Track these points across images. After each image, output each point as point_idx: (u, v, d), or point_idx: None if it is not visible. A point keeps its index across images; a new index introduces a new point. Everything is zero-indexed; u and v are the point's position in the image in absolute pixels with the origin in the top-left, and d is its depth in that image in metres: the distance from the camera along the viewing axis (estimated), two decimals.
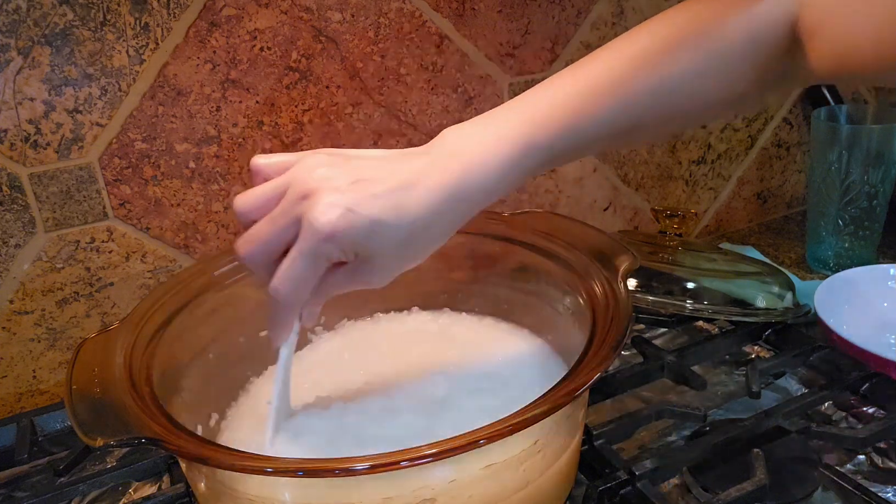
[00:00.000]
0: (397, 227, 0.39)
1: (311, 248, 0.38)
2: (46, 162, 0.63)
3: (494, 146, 0.41)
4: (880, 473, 0.52)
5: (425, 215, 0.39)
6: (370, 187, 0.38)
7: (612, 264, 0.50)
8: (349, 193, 0.38)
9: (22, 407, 0.69)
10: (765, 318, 0.66)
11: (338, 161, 0.40)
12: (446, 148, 0.42)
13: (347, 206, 0.37)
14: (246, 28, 0.66)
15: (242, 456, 0.36)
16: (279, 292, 0.40)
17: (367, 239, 0.38)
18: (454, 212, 0.41)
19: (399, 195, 0.39)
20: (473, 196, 0.41)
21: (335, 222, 0.37)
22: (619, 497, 0.49)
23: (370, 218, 0.38)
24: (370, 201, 0.38)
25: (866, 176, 0.78)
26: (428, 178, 0.40)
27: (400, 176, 0.39)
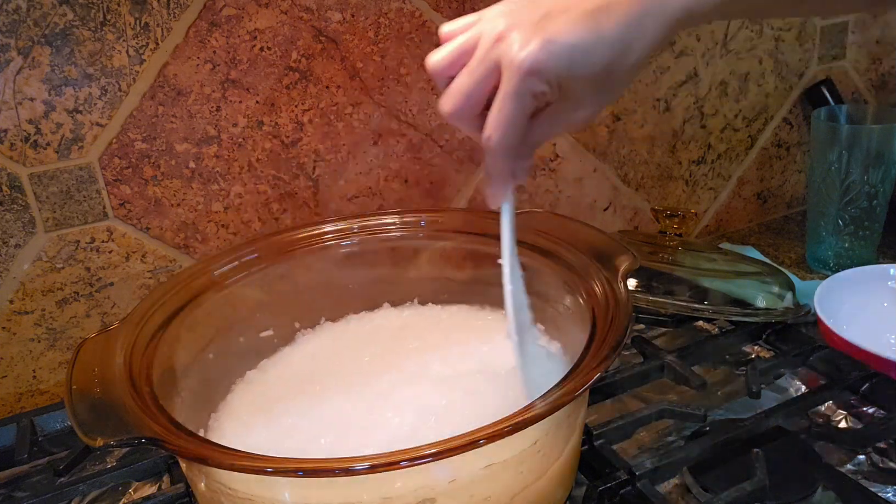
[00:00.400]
0: (598, 49, 0.38)
1: (517, 87, 0.38)
2: (46, 162, 0.63)
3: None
4: (880, 473, 0.52)
5: (624, 34, 0.38)
6: (562, 16, 0.38)
7: (612, 264, 0.50)
8: (542, 26, 0.38)
9: (22, 407, 0.69)
10: (765, 318, 0.66)
11: (523, 3, 0.39)
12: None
13: (544, 38, 0.37)
14: (246, 28, 0.67)
15: (242, 456, 0.36)
16: (492, 139, 0.39)
17: (570, 67, 0.38)
18: (652, 29, 0.39)
19: (594, 18, 0.38)
20: (670, 9, 0.39)
21: (536, 54, 0.37)
22: (619, 497, 0.49)
23: (570, 44, 0.37)
24: (566, 29, 0.37)
25: (866, 176, 0.78)
26: (650, 21, 0.38)
27: (588, 1, 0.38)
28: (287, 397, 0.52)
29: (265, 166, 0.71)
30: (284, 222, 0.74)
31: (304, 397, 0.52)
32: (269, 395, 0.54)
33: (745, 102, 0.94)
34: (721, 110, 0.93)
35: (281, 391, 0.54)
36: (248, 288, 0.58)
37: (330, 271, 0.62)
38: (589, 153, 0.86)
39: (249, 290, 0.58)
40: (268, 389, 0.55)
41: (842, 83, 0.99)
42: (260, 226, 0.73)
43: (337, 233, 0.62)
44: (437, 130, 0.78)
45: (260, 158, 0.71)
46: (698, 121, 0.92)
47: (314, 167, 0.73)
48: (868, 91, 1.02)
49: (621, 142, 0.87)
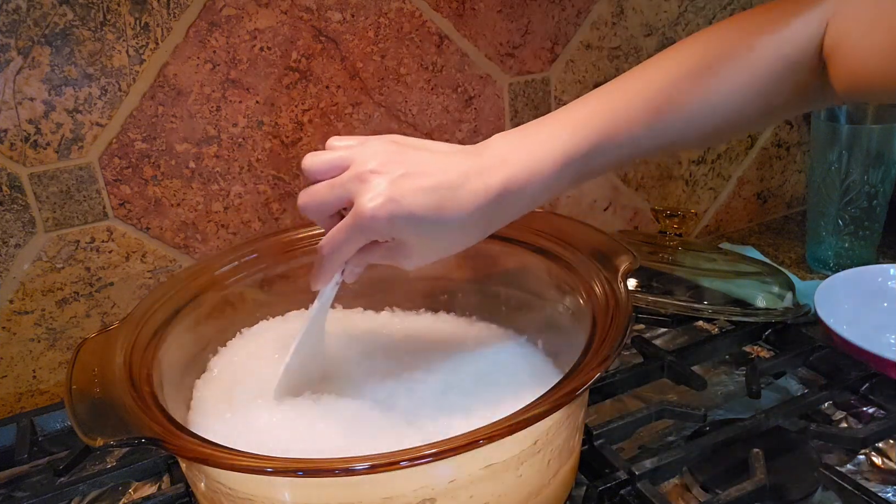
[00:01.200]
0: (434, 223, 0.42)
1: (355, 225, 0.43)
2: (46, 162, 0.63)
3: (537, 161, 0.44)
4: (880, 473, 0.52)
5: (463, 217, 0.42)
6: (418, 181, 0.42)
7: (612, 264, 0.50)
8: (397, 185, 0.42)
9: (22, 407, 0.69)
10: (765, 318, 0.66)
11: (398, 150, 0.44)
12: (494, 154, 0.44)
13: (392, 198, 0.41)
14: (246, 28, 0.66)
15: (242, 456, 0.36)
16: (323, 249, 0.45)
17: (405, 228, 0.42)
18: (492, 216, 0.44)
19: (442, 194, 0.42)
20: (513, 203, 0.44)
21: (377, 210, 0.41)
22: (619, 497, 0.49)
23: (409, 211, 0.41)
24: (414, 195, 0.42)
25: (866, 176, 0.78)
26: (473, 182, 0.42)
27: (448, 175, 0.43)
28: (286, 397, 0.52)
29: (265, 166, 0.71)
30: (284, 222, 0.74)
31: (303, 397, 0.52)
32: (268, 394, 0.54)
33: None
34: None
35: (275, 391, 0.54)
36: (248, 288, 0.58)
37: None
38: None
39: (249, 290, 0.58)
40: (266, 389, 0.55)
41: None
42: (260, 226, 0.73)
43: None
44: (437, 130, 0.78)
45: (260, 158, 0.71)
46: None
47: None
48: None
49: None
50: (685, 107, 0.46)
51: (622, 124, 0.45)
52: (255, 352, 0.56)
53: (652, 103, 0.45)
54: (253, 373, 0.53)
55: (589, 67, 0.83)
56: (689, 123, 0.46)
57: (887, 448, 0.53)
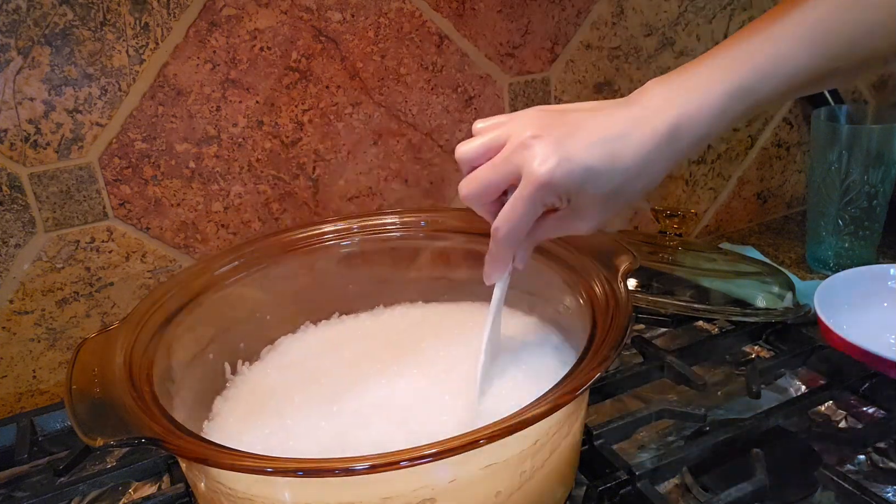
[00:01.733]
0: (610, 174, 0.41)
1: (531, 194, 0.42)
2: (46, 162, 0.63)
3: (703, 94, 0.42)
4: (880, 473, 0.52)
5: (638, 163, 0.42)
6: (584, 137, 0.41)
7: (612, 264, 0.50)
8: (564, 144, 0.41)
9: (22, 407, 0.69)
10: (765, 318, 0.66)
11: (551, 115, 0.43)
12: (655, 99, 0.43)
13: (563, 156, 0.41)
14: (246, 28, 0.66)
15: (242, 456, 0.36)
16: (500, 231, 0.44)
17: (582, 185, 0.41)
18: (664, 160, 0.43)
19: (613, 144, 0.41)
20: (683, 144, 0.43)
21: (553, 170, 0.40)
22: (619, 497, 0.49)
23: (585, 166, 0.41)
24: (585, 150, 0.41)
25: (866, 176, 0.78)
26: (640, 129, 0.42)
27: (612, 127, 0.42)
28: (285, 397, 0.52)
29: (265, 166, 0.71)
30: (284, 222, 0.74)
31: (302, 397, 0.52)
32: (267, 394, 0.54)
33: None
34: None
35: (279, 391, 0.54)
36: (248, 288, 0.58)
37: (330, 271, 0.62)
38: None
39: (249, 290, 0.58)
40: (265, 389, 0.55)
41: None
42: (260, 226, 0.73)
43: (337, 233, 0.62)
44: (437, 130, 0.78)
45: (260, 158, 0.71)
46: None
47: (314, 167, 0.73)
48: (868, 91, 1.02)
49: None
50: (846, 30, 0.43)
51: (784, 52, 0.43)
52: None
53: (815, 30, 0.43)
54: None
55: (589, 67, 0.83)
56: (852, 47, 0.44)
57: (887, 448, 0.53)
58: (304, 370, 0.57)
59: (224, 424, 0.51)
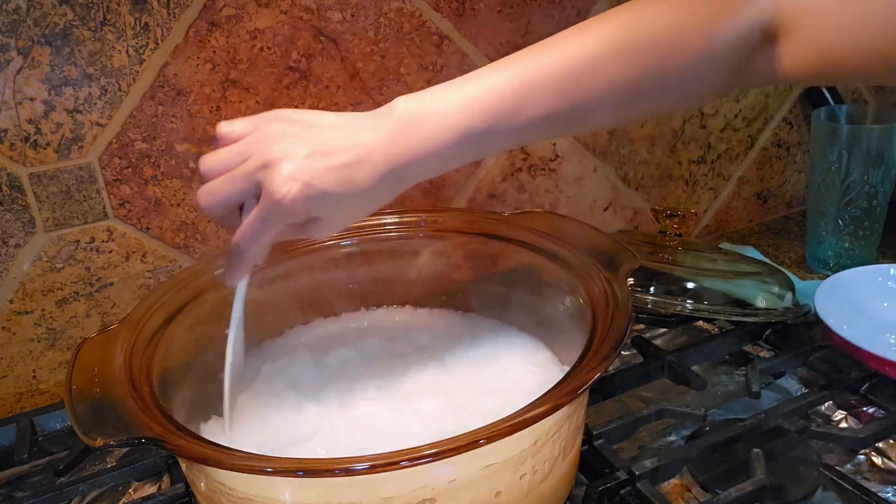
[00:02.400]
0: (345, 197, 0.43)
1: (270, 215, 0.43)
2: (46, 162, 0.63)
3: (439, 132, 0.43)
4: (880, 473, 0.52)
5: (370, 187, 0.43)
6: (325, 160, 0.42)
7: (612, 264, 0.50)
8: (306, 167, 0.42)
9: (22, 407, 0.69)
10: (765, 318, 0.66)
11: (296, 130, 0.43)
12: (400, 120, 0.44)
13: (304, 181, 0.41)
14: (246, 28, 0.66)
15: (242, 456, 0.36)
16: (240, 246, 0.45)
17: (320, 207, 0.43)
18: (394, 184, 0.44)
19: (350, 170, 0.42)
20: (415, 171, 0.44)
21: (294, 194, 0.41)
22: (619, 497, 0.49)
23: (323, 191, 0.42)
24: (324, 175, 0.42)
25: (866, 176, 0.78)
26: (377, 154, 0.43)
27: (353, 150, 0.43)
28: (285, 397, 0.52)
29: None
30: None
31: (301, 398, 0.52)
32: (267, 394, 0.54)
33: (745, 102, 0.94)
34: (721, 110, 0.93)
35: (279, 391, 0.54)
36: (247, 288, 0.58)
37: (330, 271, 0.62)
38: (589, 153, 0.86)
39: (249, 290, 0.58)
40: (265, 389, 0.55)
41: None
42: None
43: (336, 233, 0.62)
44: None
45: None
46: (698, 121, 0.92)
47: None
48: (868, 91, 1.02)
49: (621, 142, 0.87)
50: (598, 85, 0.44)
51: (529, 99, 0.43)
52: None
53: (564, 81, 0.43)
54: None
55: None
56: (602, 102, 0.44)
57: (887, 448, 0.53)
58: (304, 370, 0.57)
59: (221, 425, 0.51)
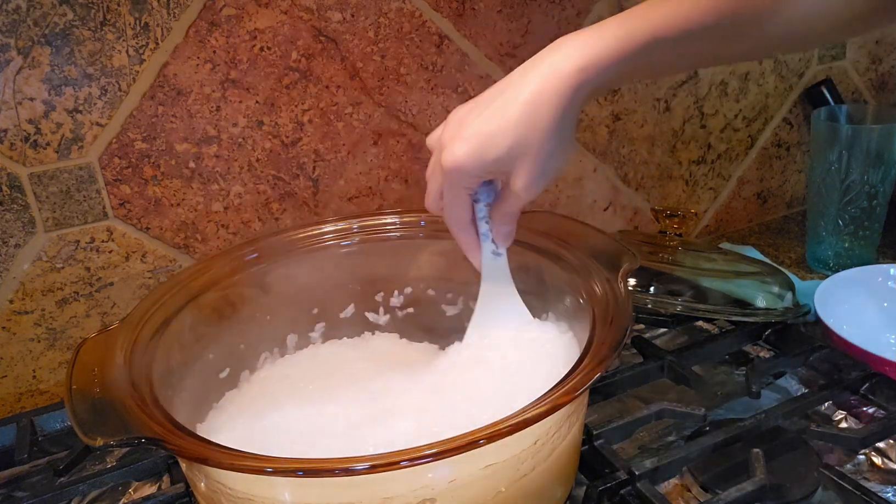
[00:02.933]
0: (502, 131, 0.44)
1: (446, 183, 0.47)
2: (46, 162, 0.63)
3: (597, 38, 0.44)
4: (880, 473, 0.52)
5: (524, 111, 0.44)
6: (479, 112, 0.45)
7: (612, 264, 0.50)
8: (458, 130, 0.45)
9: (22, 407, 0.69)
10: (765, 318, 0.66)
11: (468, 108, 0.47)
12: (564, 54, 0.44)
13: (457, 140, 0.45)
14: (246, 28, 0.66)
15: (242, 456, 0.36)
16: (445, 218, 0.50)
17: (483, 154, 0.45)
18: (551, 101, 0.44)
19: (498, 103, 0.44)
20: (586, 94, 0.45)
21: (452, 155, 0.45)
22: (619, 497, 0.49)
23: (474, 136, 0.45)
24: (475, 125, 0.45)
25: (866, 176, 0.78)
26: (531, 78, 0.44)
27: (509, 88, 0.45)
28: (284, 398, 0.52)
29: (265, 166, 0.71)
30: (284, 222, 0.74)
31: (301, 398, 0.52)
32: (266, 395, 0.54)
33: (745, 102, 0.94)
34: (721, 110, 0.93)
35: (278, 391, 0.54)
36: (248, 288, 0.58)
37: (330, 271, 0.62)
38: (589, 153, 0.86)
39: (249, 290, 0.58)
40: (265, 389, 0.55)
41: (842, 83, 0.99)
42: (260, 226, 0.73)
43: (337, 233, 0.62)
44: None
45: (260, 158, 0.71)
46: (698, 121, 0.92)
47: (314, 167, 0.73)
48: (868, 91, 1.02)
49: (621, 142, 0.87)
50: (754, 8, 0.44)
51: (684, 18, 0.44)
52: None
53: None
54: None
55: None
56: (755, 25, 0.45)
57: (887, 448, 0.53)
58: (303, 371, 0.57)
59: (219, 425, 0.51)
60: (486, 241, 0.51)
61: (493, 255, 0.52)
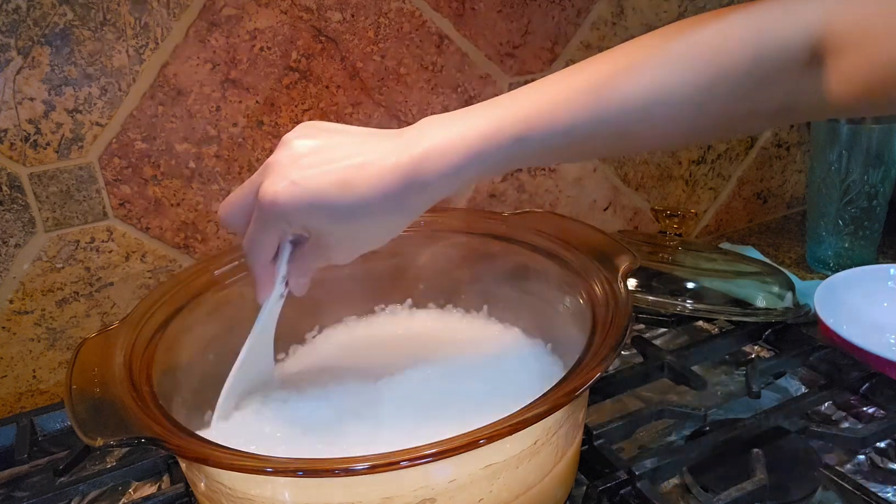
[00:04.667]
0: (340, 203, 0.39)
1: (261, 216, 0.41)
2: (46, 162, 0.63)
3: (458, 137, 0.40)
4: (880, 473, 0.52)
5: (373, 195, 0.39)
6: (324, 163, 0.40)
7: (612, 264, 0.50)
8: (301, 167, 0.40)
9: (22, 407, 0.69)
10: (765, 317, 0.66)
11: (311, 134, 0.42)
12: (417, 135, 0.41)
13: (292, 179, 0.39)
14: (246, 28, 0.66)
15: (242, 456, 0.36)
16: (244, 250, 0.44)
17: (311, 212, 0.40)
18: (406, 197, 0.40)
19: (349, 172, 0.39)
20: (427, 183, 0.40)
21: (277, 193, 0.39)
22: (619, 497, 0.49)
23: (311, 191, 0.39)
24: (318, 176, 0.39)
25: (866, 176, 0.78)
26: (386, 159, 0.39)
27: (362, 155, 0.40)
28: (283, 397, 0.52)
29: None
30: None
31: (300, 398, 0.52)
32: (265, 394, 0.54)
33: None
34: None
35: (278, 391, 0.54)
36: (248, 288, 0.58)
37: (329, 271, 0.62)
38: None
39: (249, 290, 0.58)
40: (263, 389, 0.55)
41: None
42: None
43: None
44: None
45: (260, 158, 0.71)
46: None
47: None
48: None
49: None
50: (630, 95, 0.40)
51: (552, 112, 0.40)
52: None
53: (597, 88, 0.40)
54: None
55: None
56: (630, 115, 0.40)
57: (888, 448, 0.53)
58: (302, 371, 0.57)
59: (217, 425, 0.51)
60: (281, 283, 0.47)
61: (279, 297, 0.48)
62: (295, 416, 0.49)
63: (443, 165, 0.40)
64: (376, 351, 0.58)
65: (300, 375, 0.57)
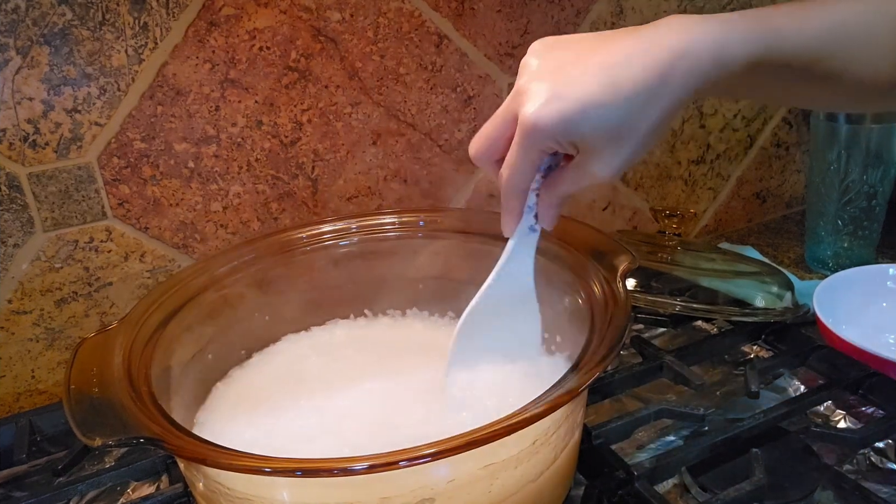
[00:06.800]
0: (611, 105, 0.37)
1: (522, 139, 0.39)
2: (45, 161, 0.63)
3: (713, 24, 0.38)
4: (879, 473, 0.52)
5: (643, 89, 0.37)
6: (582, 69, 0.38)
7: (611, 264, 0.50)
8: (557, 81, 0.38)
9: (20, 407, 0.69)
10: (764, 317, 0.66)
11: (548, 48, 0.40)
12: (666, 26, 0.39)
13: (554, 93, 0.37)
14: (245, 28, 0.66)
15: (241, 456, 0.36)
16: (502, 177, 0.42)
17: (579, 122, 0.38)
18: (674, 86, 0.38)
19: (612, 71, 0.37)
20: (690, 72, 0.38)
21: (540, 111, 0.38)
22: (618, 497, 0.49)
23: (578, 99, 0.37)
24: (580, 83, 0.37)
25: (865, 176, 0.78)
26: (645, 55, 0.37)
27: (616, 53, 0.38)
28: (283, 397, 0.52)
29: (264, 166, 0.71)
30: (283, 222, 0.74)
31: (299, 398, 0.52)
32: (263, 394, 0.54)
33: (744, 102, 0.94)
34: (720, 110, 0.93)
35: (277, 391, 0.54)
36: (247, 288, 0.58)
37: (329, 271, 0.62)
38: None
39: (248, 291, 0.58)
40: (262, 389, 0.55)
41: None
42: (259, 226, 0.73)
43: (336, 233, 0.62)
44: (436, 130, 0.78)
45: (259, 158, 0.71)
46: (697, 120, 0.92)
47: (313, 167, 0.73)
48: None
49: None
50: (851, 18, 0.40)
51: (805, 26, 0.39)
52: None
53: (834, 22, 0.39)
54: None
55: None
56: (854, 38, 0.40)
57: (887, 448, 0.53)
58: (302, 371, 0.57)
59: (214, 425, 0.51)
60: (529, 213, 0.45)
61: (529, 230, 0.46)
62: (279, 424, 0.49)
63: (701, 56, 0.37)
64: (375, 351, 0.58)
65: (298, 374, 0.56)
